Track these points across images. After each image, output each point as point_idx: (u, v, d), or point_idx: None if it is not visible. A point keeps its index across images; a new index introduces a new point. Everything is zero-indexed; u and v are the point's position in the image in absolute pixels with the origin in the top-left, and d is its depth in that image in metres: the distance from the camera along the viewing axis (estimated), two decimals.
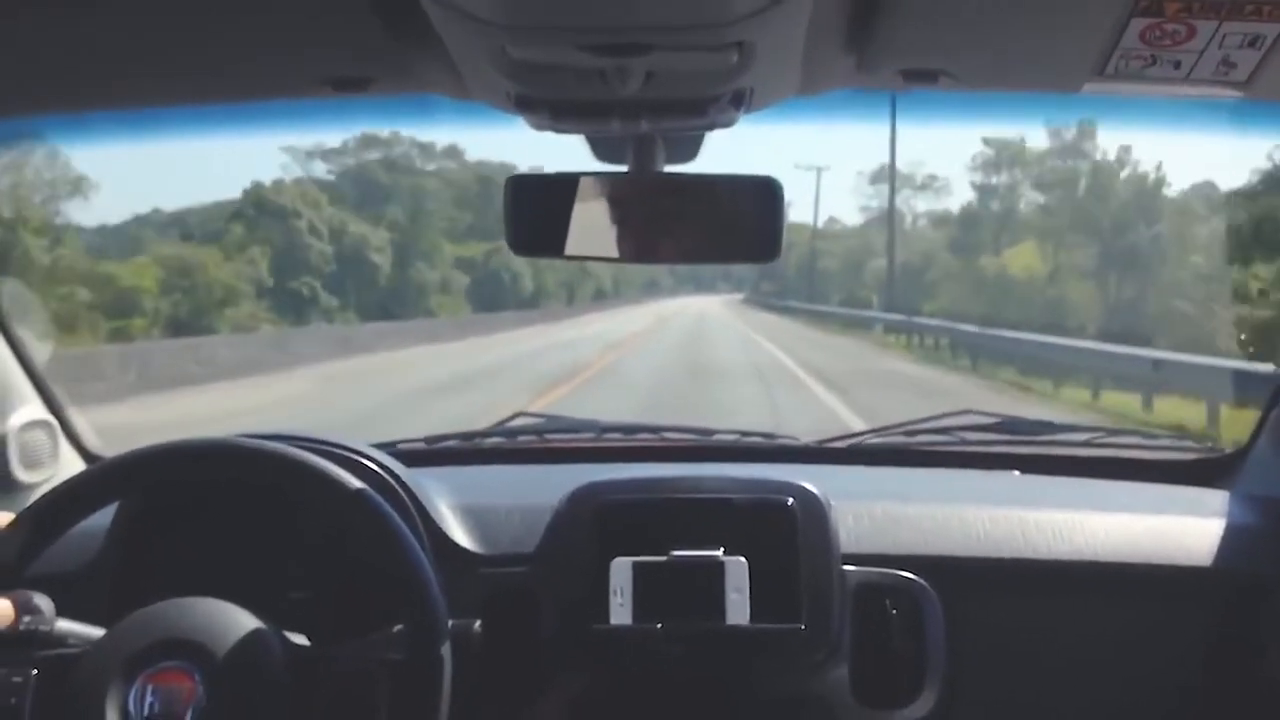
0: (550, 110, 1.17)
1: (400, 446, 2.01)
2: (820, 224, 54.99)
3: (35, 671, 1.31)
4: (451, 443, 2.15)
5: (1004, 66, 1.19)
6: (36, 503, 1.38)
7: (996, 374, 16.24)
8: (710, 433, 2.21)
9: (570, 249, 1.39)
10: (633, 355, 20.01)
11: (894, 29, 1.08)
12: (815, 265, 49.71)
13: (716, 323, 36.15)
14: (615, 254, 1.41)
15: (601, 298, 52.58)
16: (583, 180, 1.37)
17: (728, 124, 1.24)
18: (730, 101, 1.15)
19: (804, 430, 2.35)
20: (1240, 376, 8.39)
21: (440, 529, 1.63)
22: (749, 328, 31.06)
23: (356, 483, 1.38)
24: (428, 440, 2.12)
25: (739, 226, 1.37)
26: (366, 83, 1.20)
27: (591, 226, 1.38)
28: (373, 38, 1.07)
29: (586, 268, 42.76)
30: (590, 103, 1.14)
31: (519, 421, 2.25)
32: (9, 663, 1.30)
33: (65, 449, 1.89)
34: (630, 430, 2.20)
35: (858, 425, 2.96)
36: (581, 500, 1.64)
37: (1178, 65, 1.08)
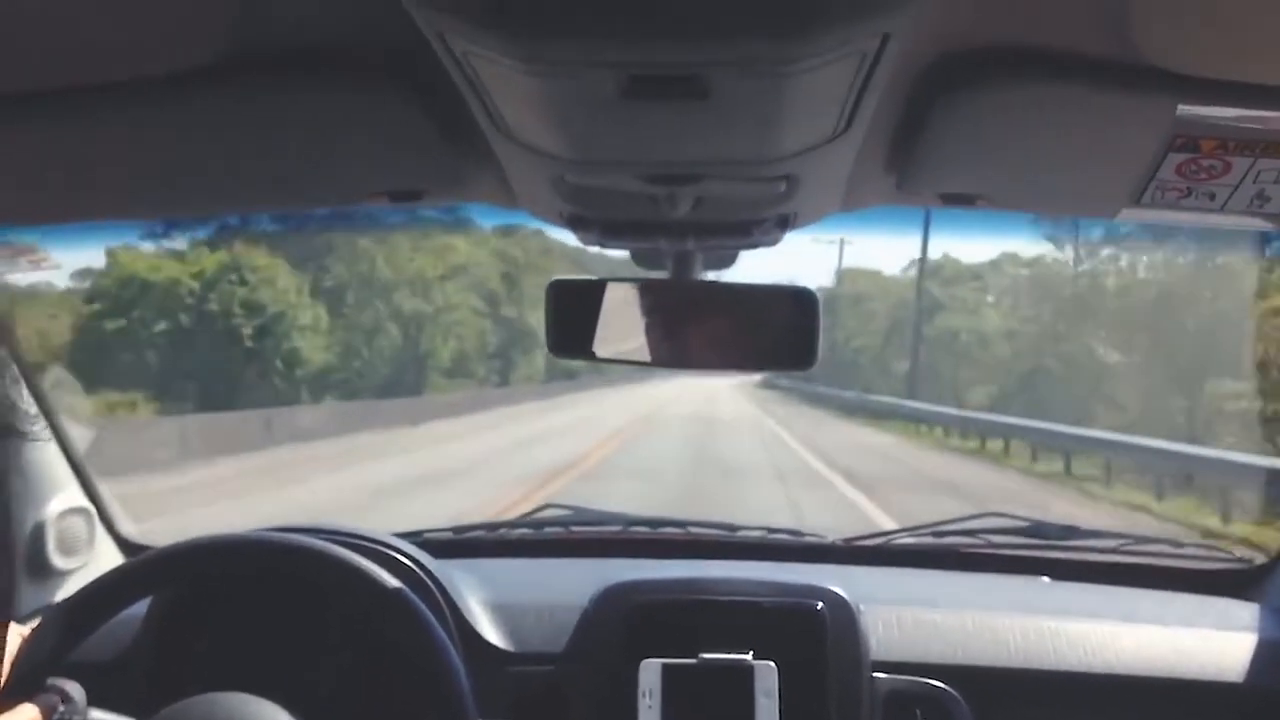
0: (601, 228, 1.20)
1: (428, 536, 2.02)
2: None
3: None
4: (478, 533, 2.16)
5: (1040, 193, 1.22)
6: (72, 598, 1.40)
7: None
8: (735, 528, 2.21)
9: (608, 352, 1.41)
10: None
11: (934, 155, 1.11)
12: (845, 344, 42.25)
13: (730, 421, 25.01)
14: (652, 358, 1.43)
15: (562, 377, 42.56)
16: (622, 286, 1.39)
17: (772, 243, 1.27)
18: (775, 224, 1.18)
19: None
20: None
21: (470, 625, 1.63)
22: (792, 438, 19.81)
23: (389, 579, 1.39)
24: (455, 530, 2.13)
25: (775, 335, 1.39)
26: (421, 194, 1.24)
27: (630, 331, 1.40)
28: (433, 156, 1.10)
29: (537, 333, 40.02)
30: (640, 223, 1.18)
31: (546, 513, 2.25)
32: None
33: (101, 536, 1.91)
34: (656, 524, 2.20)
35: None
36: (611, 600, 1.64)
37: (1212, 197, 1.11)
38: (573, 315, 1.40)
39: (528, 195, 1.18)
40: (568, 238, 1.35)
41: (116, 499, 1.93)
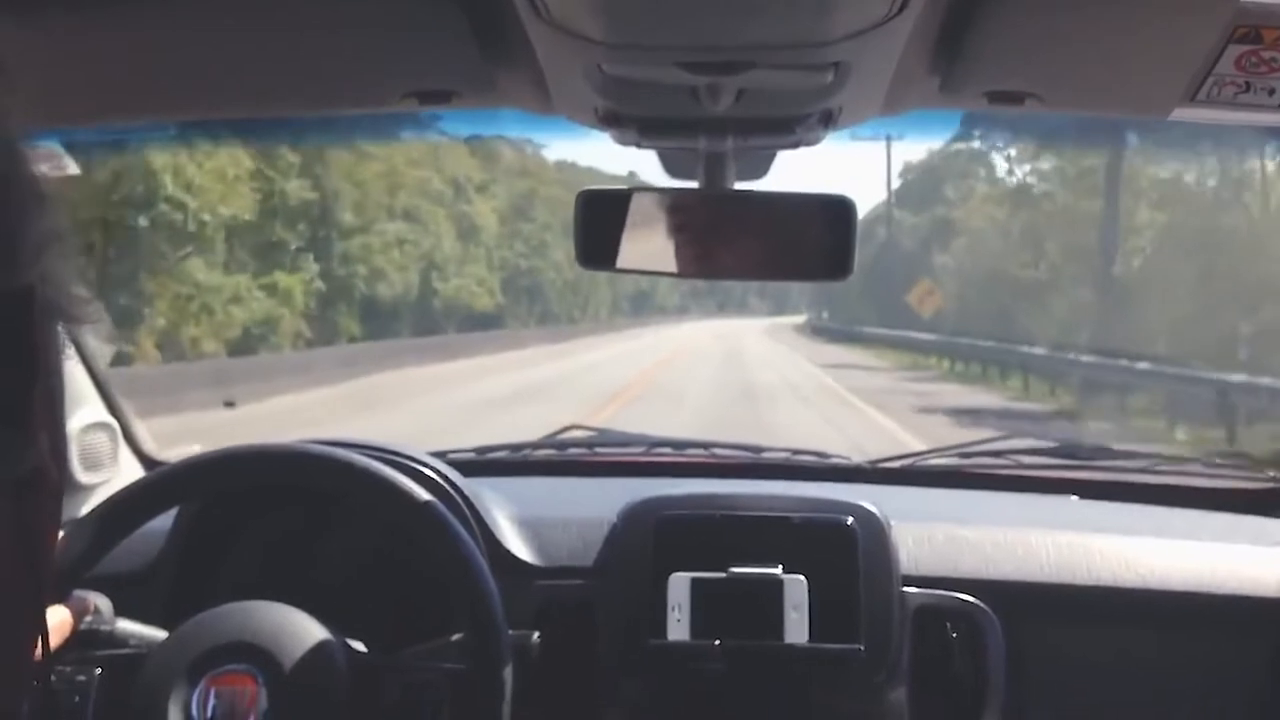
0: (638, 126, 1.17)
1: (451, 456, 2.01)
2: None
3: (99, 671, 1.31)
4: (502, 454, 2.15)
5: (1092, 90, 1.18)
6: (99, 507, 1.39)
7: None
8: (760, 449, 2.20)
9: (638, 263, 1.39)
10: None
11: (983, 49, 1.07)
12: (888, 268, 35.90)
13: (769, 381, 19.67)
14: (683, 269, 1.41)
15: (556, 322, 41.74)
16: (653, 195, 1.36)
17: (813, 142, 1.23)
18: (818, 120, 1.15)
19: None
20: None
21: (498, 540, 1.62)
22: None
23: (421, 492, 1.38)
24: (478, 451, 2.13)
25: (810, 244, 1.36)
26: (449, 96, 1.20)
27: (660, 241, 1.37)
28: (463, 53, 1.07)
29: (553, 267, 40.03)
30: (679, 120, 1.14)
31: (569, 434, 2.25)
32: (72, 662, 1.31)
33: (125, 452, 1.91)
34: (680, 446, 2.19)
35: None
36: (640, 515, 1.63)
37: (1272, 92, 1.07)
38: (602, 226, 1.37)
39: (562, 93, 1.15)
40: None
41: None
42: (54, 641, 1.27)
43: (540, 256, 40.04)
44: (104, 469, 1.84)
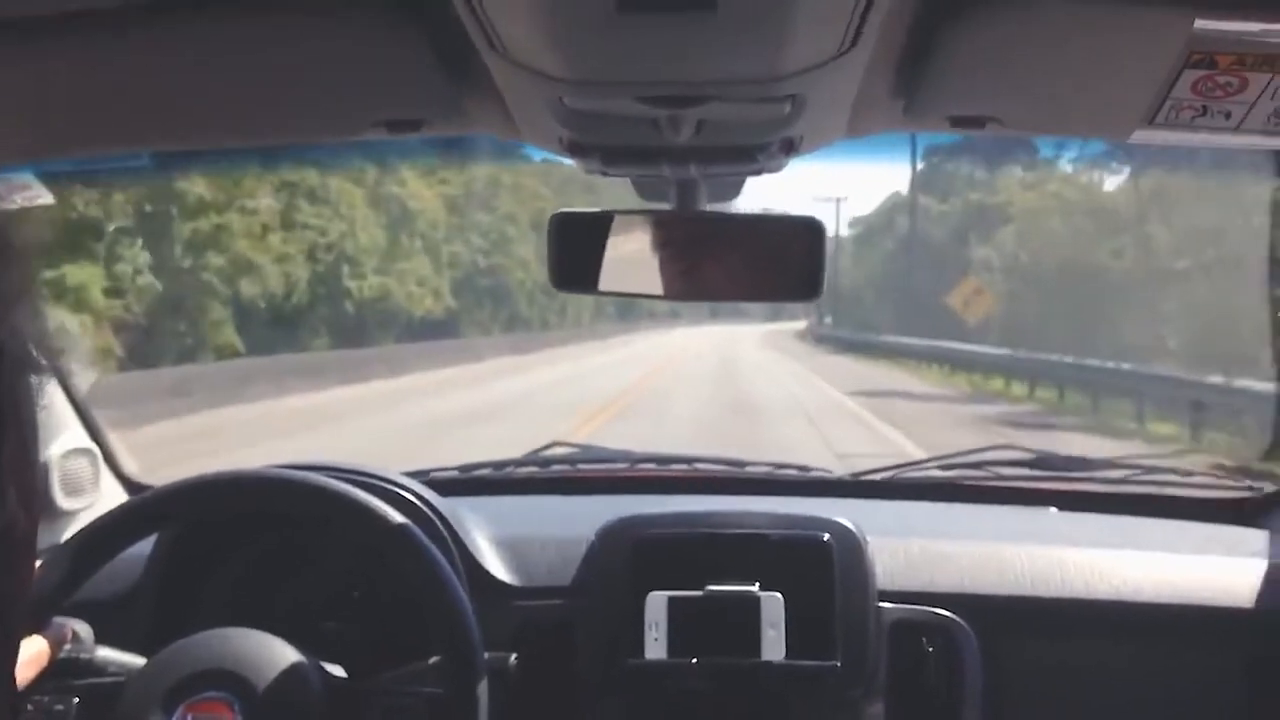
0: (601, 156, 1.18)
1: (434, 475, 2.02)
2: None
3: (77, 700, 1.32)
4: (485, 472, 2.15)
5: (1052, 114, 1.20)
6: (77, 535, 1.40)
7: None
8: (743, 464, 2.20)
9: (611, 285, 1.39)
10: None
11: (944, 76, 1.08)
12: (911, 265, 33.39)
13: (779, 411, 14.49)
14: (656, 291, 1.41)
15: (527, 328, 35.84)
16: (626, 218, 1.37)
17: (776, 169, 1.24)
18: (779, 148, 1.16)
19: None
20: None
21: (476, 560, 1.63)
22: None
23: (395, 515, 1.39)
24: (461, 469, 2.13)
25: (781, 265, 1.37)
26: (419, 124, 1.21)
27: (633, 263, 1.38)
28: (430, 83, 1.08)
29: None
30: (642, 149, 1.15)
31: (552, 451, 2.25)
32: (51, 691, 1.31)
33: (106, 476, 1.91)
34: (664, 461, 2.20)
35: None
36: (617, 534, 1.64)
37: (1228, 116, 1.08)
38: (576, 248, 1.38)
39: (527, 122, 1.16)
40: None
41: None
42: (33, 671, 1.27)
43: (503, 253, 33.92)
44: (86, 494, 1.85)
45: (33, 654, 1.27)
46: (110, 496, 1.88)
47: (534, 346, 30.13)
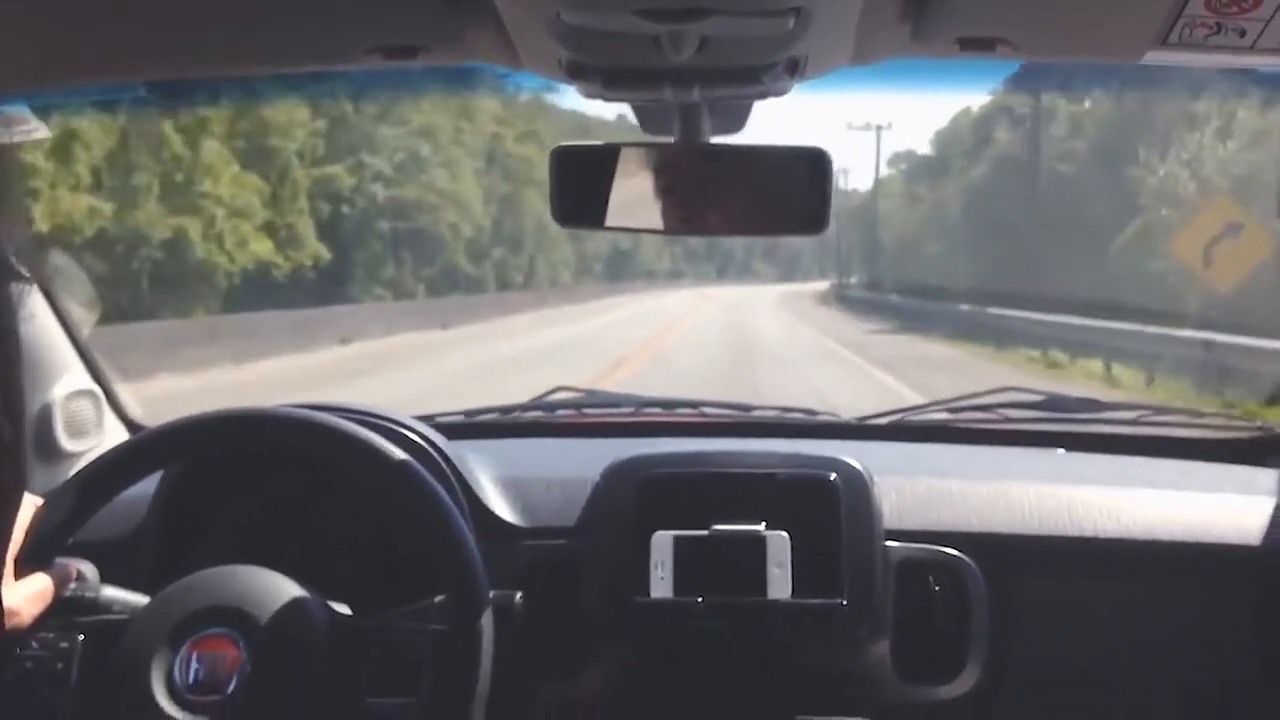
0: (602, 78, 1.15)
1: (440, 419, 2.01)
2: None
3: (82, 637, 1.32)
4: (490, 416, 2.15)
5: (1063, 35, 1.17)
6: (81, 471, 1.39)
7: None
8: (750, 408, 2.20)
9: (615, 220, 1.37)
10: None
11: None
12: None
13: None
14: (660, 225, 1.39)
15: (474, 289, 29.21)
16: (628, 151, 1.35)
17: (780, 93, 1.22)
18: (784, 69, 1.13)
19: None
20: None
21: (481, 501, 1.63)
22: None
23: (400, 454, 1.38)
24: (467, 414, 2.12)
25: (786, 198, 1.35)
26: (416, 51, 1.19)
27: (637, 197, 1.36)
28: (427, 7, 1.06)
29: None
30: (643, 70, 1.13)
31: (558, 395, 2.24)
32: (55, 628, 1.31)
33: (110, 418, 1.91)
34: (669, 405, 2.19)
35: None
36: (623, 473, 1.64)
37: (1243, 34, 1.05)
38: (578, 182, 1.36)
39: (526, 45, 1.13)
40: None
41: None
42: (37, 608, 1.27)
43: (417, 181, 25.64)
44: (89, 436, 1.84)
45: (37, 591, 1.27)
46: (114, 438, 1.88)
47: (470, 315, 23.17)
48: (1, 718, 1.30)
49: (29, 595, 1.26)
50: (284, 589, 1.33)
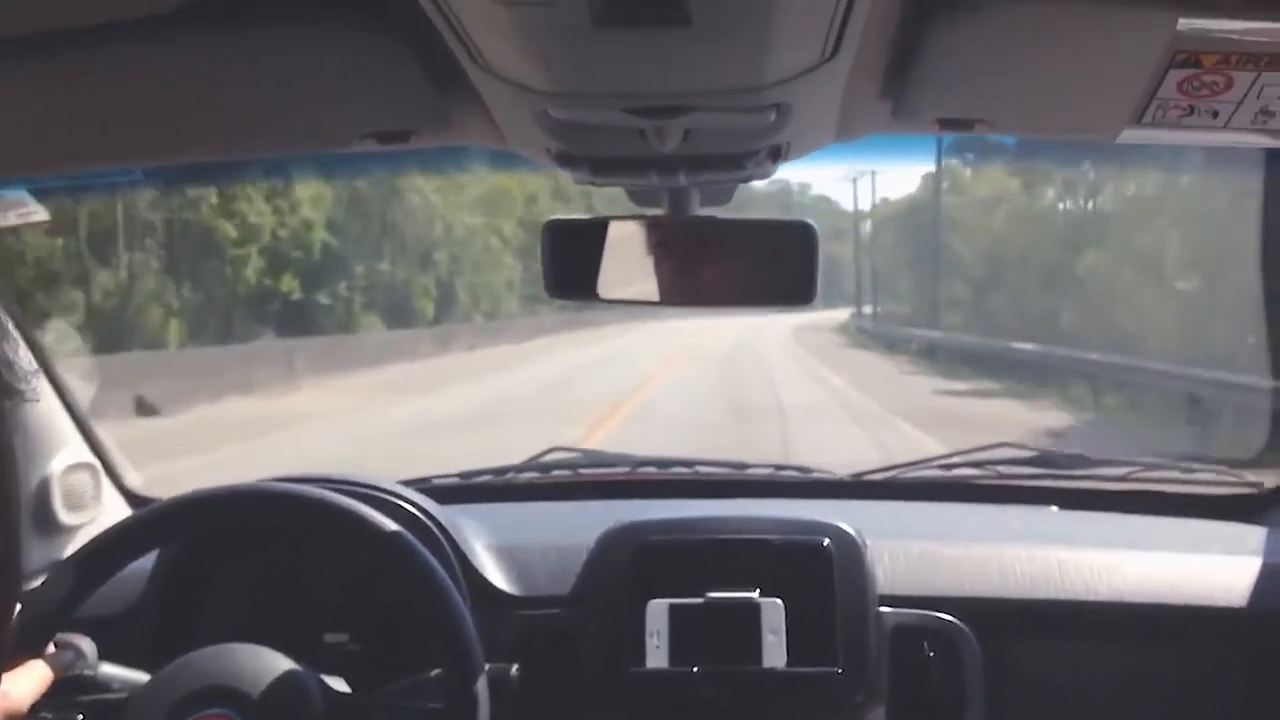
0: (590, 166, 1.18)
1: (434, 483, 2.02)
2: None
3: (80, 717, 1.32)
4: (485, 478, 2.15)
5: (1040, 114, 1.19)
6: (79, 551, 1.40)
7: None
8: (745, 466, 2.20)
9: (607, 292, 1.40)
10: None
11: (929, 79, 1.08)
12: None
13: None
14: (653, 296, 1.42)
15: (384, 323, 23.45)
16: (619, 225, 1.37)
17: (764, 176, 1.24)
18: (767, 155, 1.15)
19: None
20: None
21: (476, 570, 1.63)
22: None
23: (392, 526, 1.39)
24: (461, 476, 2.13)
25: (774, 269, 1.38)
26: (408, 135, 1.21)
27: (628, 270, 1.39)
28: (419, 95, 1.08)
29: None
30: (630, 159, 1.15)
31: (553, 456, 2.25)
32: (55, 707, 1.32)
33: (108, 490, 1.92)
34: (664, 464, 2.20)
35: None
36: (617, 541, 1.64)
37: (1215, 115, 1.07)
38: (570, 256, 1.38)
39: (515, 133, 1.16)
40: None
41: None
42: (35, 692, 1.28)
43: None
44: (88, 509, 1.85)
45: (36, 674, 1.27)
46: (112, 510, 1.89)
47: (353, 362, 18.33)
48: None
49: (27, 678, 1.26)
50: (279, 666, 1.33)
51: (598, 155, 1.15)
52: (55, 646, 1.32)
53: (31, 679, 1.27)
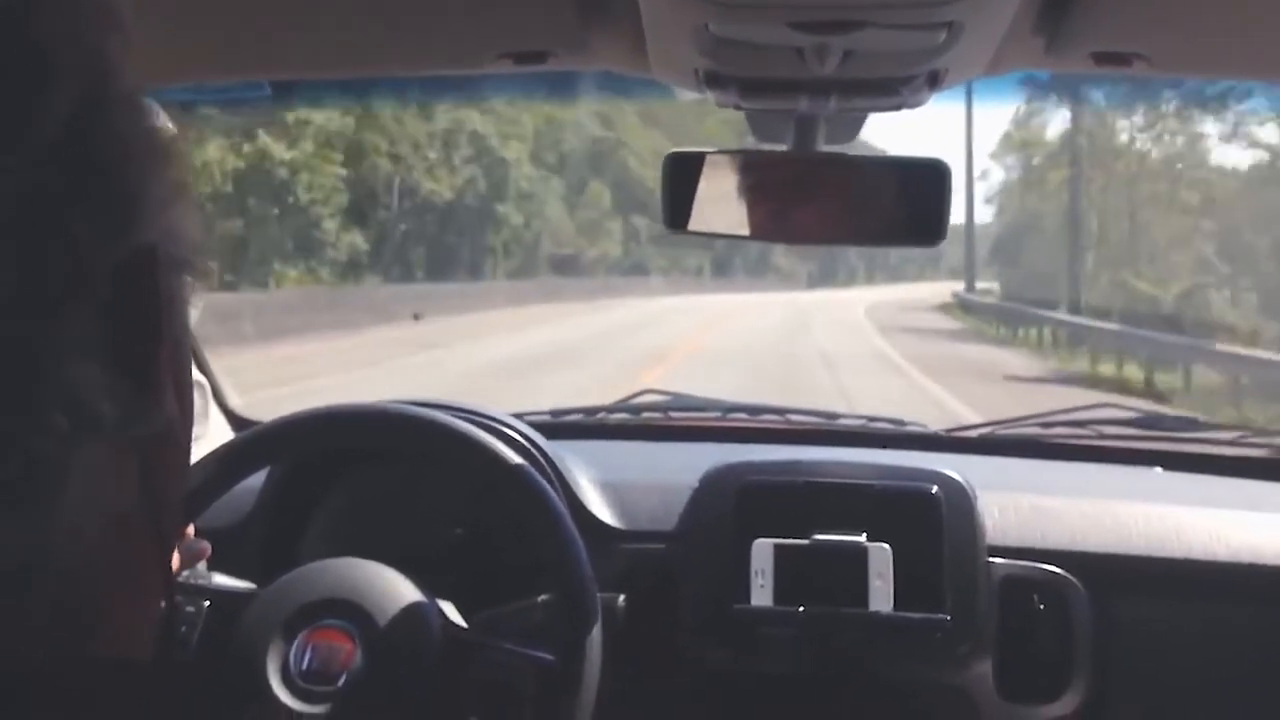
0: (740, 88, 1.15)
1: (529, 418, 2.02)
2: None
3: (208, 603, 1.33)
4: (576, 417, 2.15)
5: (1203, 51, 1.15)
6: (219, 448, 1.42)
7: None
8: (836, 416, 2.18)
9: (728, 227, 1.37)
10: None
11: (1093, 7, 1.04)
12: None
13: None
14: (772, 234, 1.40)
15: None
16: (744, 158, 1.35)
17: (917, 104, 1.21)
18: (924, 82, 1.12)
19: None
20: None
21: (581, 502, 1.63)
22: None
23: (513, 455, 1.39)
24: (552, 414, 2.13)
25: (903, 208, 1.35)
26: (545, 56, 1.19)
27: (751, 205, 1.36)
28: (559, 13, 1.06)
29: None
30: (782, 81, 1.13)
31: (644, 398, 2.24)
32: (184, 593, 1.33)
33: (214, 410, 1.94)
34: (755, 411, 2.18)
35: None
36: (721, 480, 1.63)
37: None
38: (689, 189, 1.36)
39: (662, 53, 1.13)
40: None
41: None
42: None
43: None
44: (197, 426, 1.87)
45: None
46: (218, 429, 1.91)
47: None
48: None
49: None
50: (401, 589, 1.34)
51: (750, 76, 1.13)
52: (191, 533, 1.34)
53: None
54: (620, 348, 17.35)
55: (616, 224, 41.85)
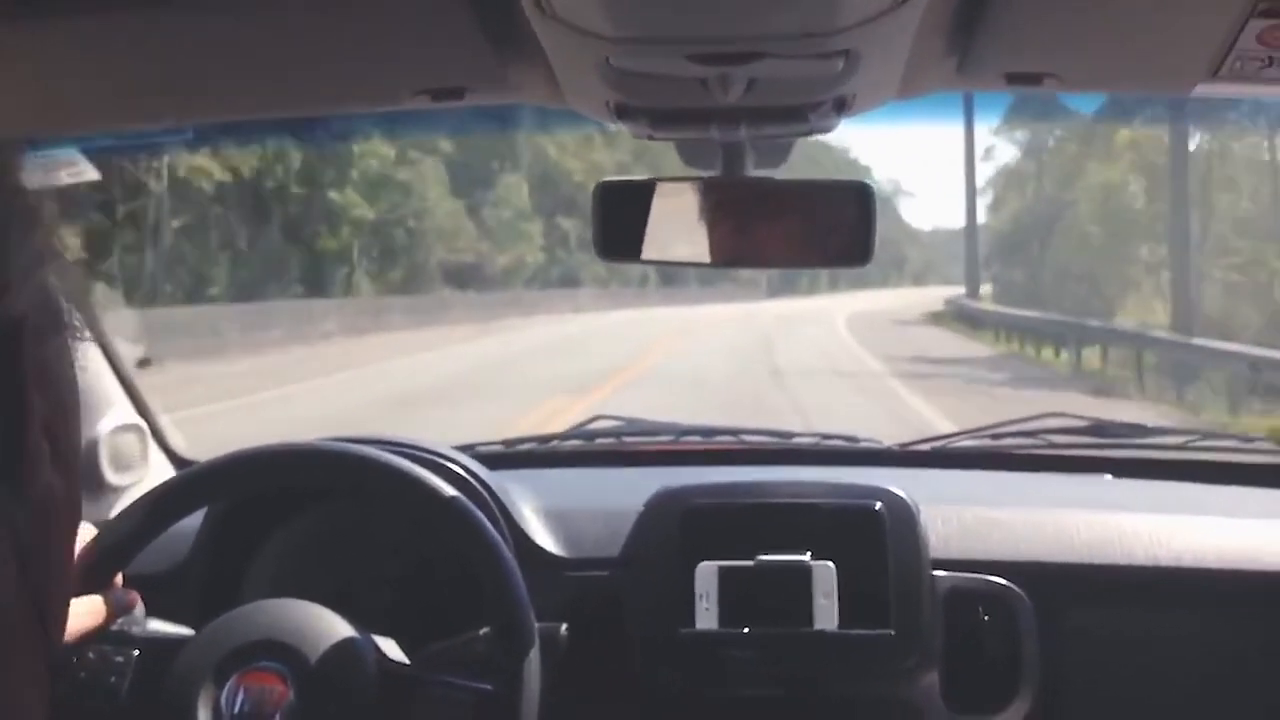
0: (649, 119, 1.16)
1: (479, 449, 2.01)
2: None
3: (137, 653, 1.32)
4: (529, 445, 2.15)
5: (1112, 68, 1.16)
6: (147, 494, 1.40)
7: None
8: (790, 435, 2.19)
9: (658, 254, 1.38)
10: None
11: (1000, 30, 1.05)
12: None
13: None
14: (704, 259, 1.40)
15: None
16: (672, 186, 1.35)
17: (827, 130, 1.22)
18: (831, 107, 1.13)
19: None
20: None
21: (524, 532, 1.63)
22: None
23: (447, 488, 1.38)
24: (506, 443, 2.13)
25: (830, 231, 1.35)
26: (462, 92, 1.19)
27: (680, 231, 1.36)
28: (473, 49, 1.06)
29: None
30: (690, 111, 1.13)
31: (597, 424, 2.24)
32: (113, 642, 1.32)
33: (154, 452, 1.92)
34: (709, 433, 2.18)
35: None
36: (666, 504, 1.63)
37: None
38: (621, 217, 1.36)
39: (573, 87, 1.14)
40: None
41: None
42: (88, 626, 1.28)
43: None
44: (134, 470, 1.86)
45: (95, 608, 1.27)
46: (159, 472, 1.90)
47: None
48: None
49: (83, 611, 1.26)
50: (335, 627, 1.32)
51: (658, 107, 1.13)
52: (120, 583, 1.32)
53: (89, 613, 1.27)
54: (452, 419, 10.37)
55: (536, 226, 36.11)
